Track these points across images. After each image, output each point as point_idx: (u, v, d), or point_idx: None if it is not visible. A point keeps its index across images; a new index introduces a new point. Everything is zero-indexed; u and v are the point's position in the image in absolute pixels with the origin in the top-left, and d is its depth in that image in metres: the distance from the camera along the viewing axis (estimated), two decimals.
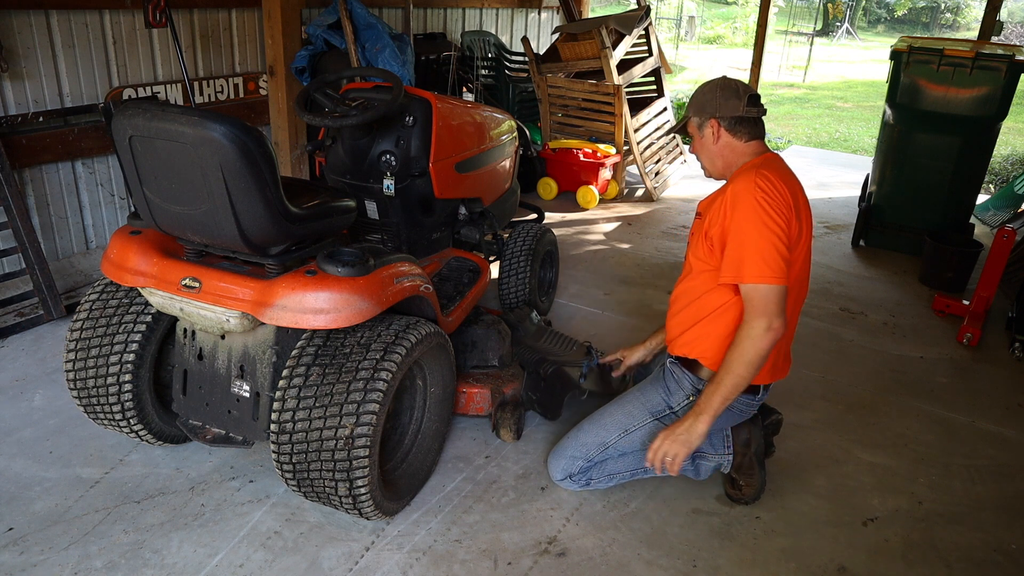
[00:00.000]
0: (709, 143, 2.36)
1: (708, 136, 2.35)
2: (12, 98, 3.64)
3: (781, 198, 2.16)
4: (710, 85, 2.36)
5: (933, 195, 4.77)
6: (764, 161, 2.28)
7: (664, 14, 20.67)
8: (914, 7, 26.92)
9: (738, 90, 2.31)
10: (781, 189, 2.17)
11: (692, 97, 2.41)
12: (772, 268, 2.11)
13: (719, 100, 2.31)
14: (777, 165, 2.29)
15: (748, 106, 2.29)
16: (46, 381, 3.03)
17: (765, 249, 2.11)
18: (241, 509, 2.38)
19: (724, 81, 2.35)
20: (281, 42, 4.47)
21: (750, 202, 2.14)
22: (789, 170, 2.33)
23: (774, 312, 2.12)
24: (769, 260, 2.11)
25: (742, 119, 2.30)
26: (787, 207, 2.16)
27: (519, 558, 2.24)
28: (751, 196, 2.14)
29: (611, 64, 5.69)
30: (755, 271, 2.11)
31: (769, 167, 2.24)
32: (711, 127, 2.33)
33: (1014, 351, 3.68)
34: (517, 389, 2.82)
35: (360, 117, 2.66)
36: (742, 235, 2.15)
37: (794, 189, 2.24)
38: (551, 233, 3.79)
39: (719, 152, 2.36)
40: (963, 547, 2.39)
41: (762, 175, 2.18)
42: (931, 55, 4.49)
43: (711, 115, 2.32)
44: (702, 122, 2.35)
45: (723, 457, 2.50)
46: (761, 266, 2.11)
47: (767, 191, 2.14)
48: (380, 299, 2.16)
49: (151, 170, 2.03)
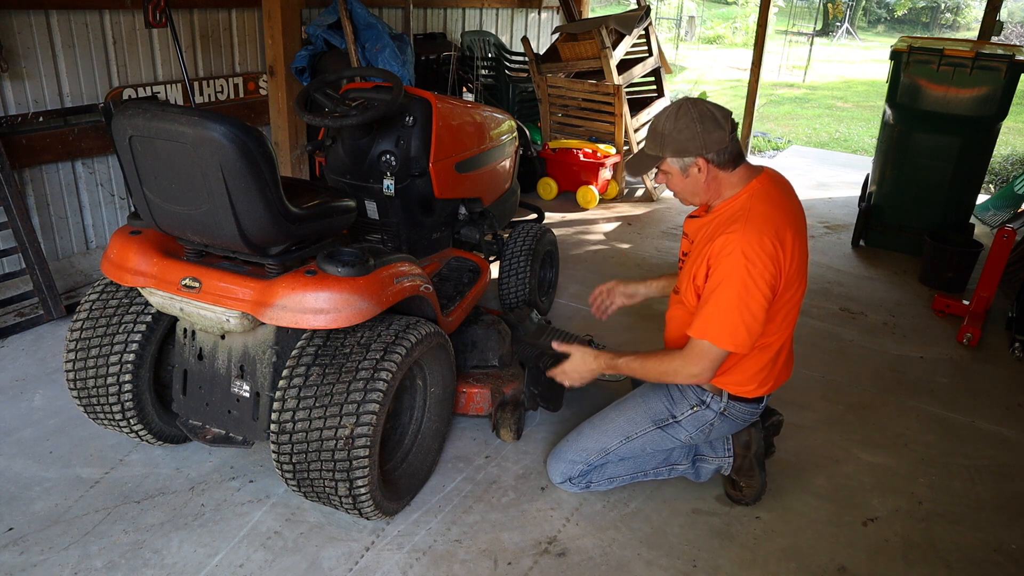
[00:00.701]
0: (695, 182, 2.18)
1: (694, 176, 2.15)
2: (12, 98, 3.64)
3: (770, 260, 2.07)
4: (686, 118, 2.09)
5: (933, 195, 4.77)
6: (755, 200, 2.15)
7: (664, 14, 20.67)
8: (914, 7, 26.92)
9: (718, 118, 2.10)
10: (770, 247, 2.07)
11: (662, 134, 2.13)
12: (730, 336, 2.10)
13: (703, 135, 2.09)
14: (768, 198, 2.16)
15: (731, 133, 2.12)
16: (46, 381, 3.03)
17: (733, 319, 2.08)
18: (241, 509, 2.38)
19: (701, 109, 2.10)
20: (281, 42, 4.47)
21: (736, 270, 2.06)
22: (780, 192, 2.21)
23: (708, 368, 2.16)
24: (732, 328, 2.09)
25: (728, 149, 2.12)
26: (775, 267, 2.08)
27: (519, 558, 2.24)
28: (738, 264, 2.05)
29: (611, 64, 5.69)
30: (713, 332, 2.11)
31: (762, 213, 2.11)
32: (697, 166, 2.13)
33: (1014, 351, 3.68)
34: (517, 389, 2.82)
35: (360, 117, 2.66)
36: (719, 300, 2.09)
37: (784, 232, 2.12)
38: (551, 233, 3.79)
39: (705, 188, 2.19)
40: (963, 547, 2.39)
41: (752, 235, 2.06)
42: (931, 55, 4.49)
43: (697, 154, 2.11)
44: (686, 163, 2.14)
45: (723, 460, 2.50)
46: (721, 331, 2.10)
47: (755, 258, 2.05)
48: (380, 299, 2.16)
49: (151, 170, 2.03)
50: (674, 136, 2.11)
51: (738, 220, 2.11)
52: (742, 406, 2.35)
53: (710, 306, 2.12)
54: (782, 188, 2.25)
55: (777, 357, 2.32)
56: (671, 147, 2.13)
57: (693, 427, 2.38)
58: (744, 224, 2.09)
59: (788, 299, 2.21)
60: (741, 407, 2.35)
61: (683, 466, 2.53)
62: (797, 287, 2.22)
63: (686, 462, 2.53)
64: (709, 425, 2.38)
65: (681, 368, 2.20)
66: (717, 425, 2.38)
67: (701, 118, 2.09)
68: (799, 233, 2.20)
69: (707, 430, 2.39)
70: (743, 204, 2.15)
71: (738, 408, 2.35)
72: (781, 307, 2.20)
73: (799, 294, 2.25)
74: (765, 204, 2.15)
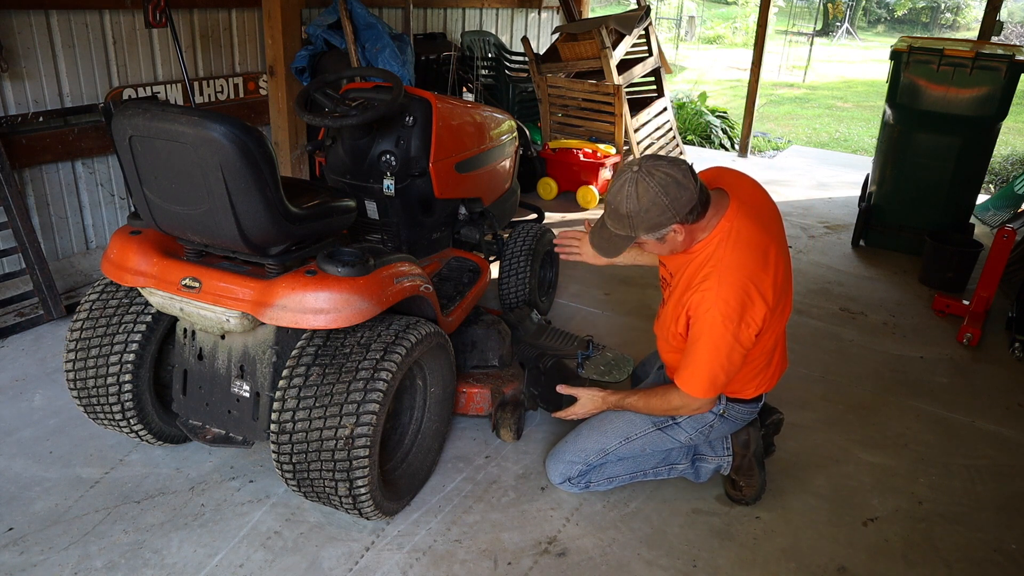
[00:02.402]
0: (673, 244, 2.09)
1: (671, 239, 2.06)
2: (12, 98, 3.64)
3: (750, 305, 2.05)
4: (648, 195, 1.95)
5: (933, 195, 4.77)
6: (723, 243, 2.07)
7: (664, 14, 20.67)
8: (914, 7, 26.92)
9: (679, 180, 1.96)
10: (746, 298, 2.03)
11: (628, 215, 1.98)
12: (720, 382, 2.16)
13: (672, 206, 1.96)
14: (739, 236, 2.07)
15: (695, 183, 1.99)
16: (46, 381, 3.03)
17: (721, 368, 2.12)
18: (241, 509, 2.38)
19: (659, 179, 1.95)
20: (281, 42, 4.47)
21: (714, 327, 2.06)
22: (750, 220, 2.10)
23: (708, 403, 2.25)
24: (720, 378, 2.14)
25: (697, 202, 2.00)
26: (753, 316, 2.06)
27: (519, 558, 2.24)
28: (716, 322, 2.06)
29: (611, 64, 5.69)
30: (702, 387, 2.16)
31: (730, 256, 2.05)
32: (674, 231, 2.02)
33: (1014, 351, 3.68)
34: (517, 389, 2.82)
35: (360, 117, 2.66)
36: (702, 353, 2.11)
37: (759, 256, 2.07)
38: (551, 233, 3.79)
39: (684, 243, 2.10)
40: (963, 547, 2.39)
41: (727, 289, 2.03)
42: (931, 55, 4.49)
43: (671, 223, 1.99)
44: (661, 235, 2.03)
45: (723, 459, 2.51)
46: (711, 384, 2.15)
47: (731, 314, 2.04)
48: (380, 299, 2.16)
49: (151, 170, 2.03)
50: (642, 216, 1.99)
51: (711, 276, 2.06)
52: (741, 406, 2.36)
53: (693, 359, 2.15)
54: (751, 210, 2.14)
55: (771, 360, 2.33)
56: (643, 227, 2.01)
57: (692, 428, 2.39)
58: (718, 280, 2.05)
59: (774, 320, 2.18)
60: (740, 407, 2.36)
61: (682, 466, 2.53)
62: (781, 309, 2.20)
63: (685, 462, 2.53)
64: (708, 426, 2.38)
65: (685, 406, 2.27)
66: (716, 426, 2.38)
67: (664, 189, 1.95)
68: (780, 245, 2.16)
69: (706, 431, 2.39)
70: (713, 253, 2.09)
71: (737, 409, 2.36)
72: (769, 326, 2.17)
73: (786, 311, 2.25)
74: (736, 249, 2.07)
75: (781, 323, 2.27)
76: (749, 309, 2.06)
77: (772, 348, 2.30)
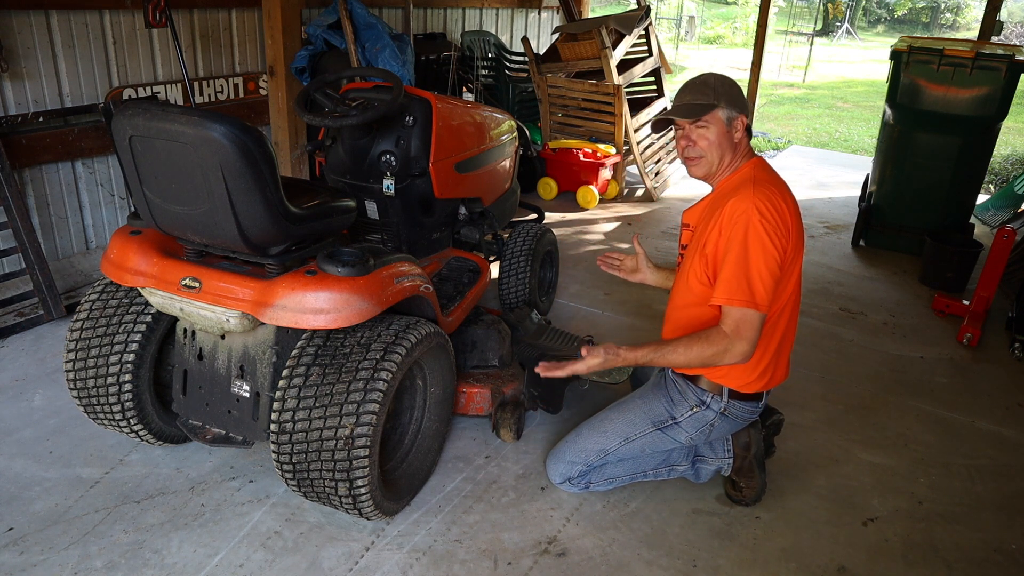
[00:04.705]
0: (730, 139, 2.25)
1: (734, 131, 2.25)
2: (12, 98, 3.64)
3: (781, 220, 2.13)
4: (729, 81, 2.27)
5: (933, 195, 4.77)
6: (757, 170, 2.25)
7: (664, 14, 20.66)
8: (914, 7, 26.91)
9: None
10: (780, 209, 2.14)
11: (713, 87, 2.24)
12: (761, 295, 2.10)
13: (744, 101, 2.27)
14: (768, 170, 2.28)
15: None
16: (46, 381, 3.03)
17: (760, 275, 2.09)
18: (241, 509, 2.38)
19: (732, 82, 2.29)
20: (281, 42, 4.46)
21: (751, 226, 2.09)
22: (778, 176, 2.31)
23: (748, 338, 2.10)
24: (760, 287, 2.09)
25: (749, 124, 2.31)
26: (785, 229, 2.14)
27: (519, 558, 2.24)
28: (752, 220, 2.10)
29: (611, 64, 5.69)
30: (744, 296, 2.10)
31: (767, 180, 2.21)
32: (740, 122, 2.25)
33: (1014, 351, 3.68)
34: (517, 389, 2.82)
35: (360, 117, 2.66)
36: (738, 258, 2.11)
37: (789, 200, 2.21)
38: (551, 233, 3.79)
39: (731, 148, 2.27)
40: (963, 547, 2.39)
41: (761, 195, 2.13)
42: (931, 55, 4.49)
43: (742, 112, 2.25)
44: (733, 116, 2.24)
45: (723, 461, 2.50)
46: (751, 292, 2.09)
47: (768, 216, 2.10)
48: (380, 299, 2.16)
49: (151, 170, 2.03)
50: (726, 90, 2.23)
51: (745, 186, 2.19)
52: (742, 404, 2.35)
53: (729, 267, 2.12)
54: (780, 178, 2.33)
55: (781, 345, 2.32)
56: (725, 97, 2.22)
57: (693, 428, 2.38)
58: (753, 187, 2.17)
59: (792, 266, 2.23)
60: (741, 405, 2.35)
61: (683, 467, 2.53)
62: (798, 253, 2.25)
63: (686, 463, 2.53)
64: (709, 426, 2.38)
65: (730, 347, 2.11)
66: (717, 425, 2.38)
67: (741, 91, 2.27)
68: (795, 201, 2.27)
69: (707, 431, 2.39)
70: (747, 174, 2.24)
71: (738, 407, 2.35)
72: (788, 274, 2.22)
73: (799, 264, 2.28)
74: (768, 173, 2.26)
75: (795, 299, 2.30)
76: (782, 215, 2.13)
77: (782, 337, 2.30)
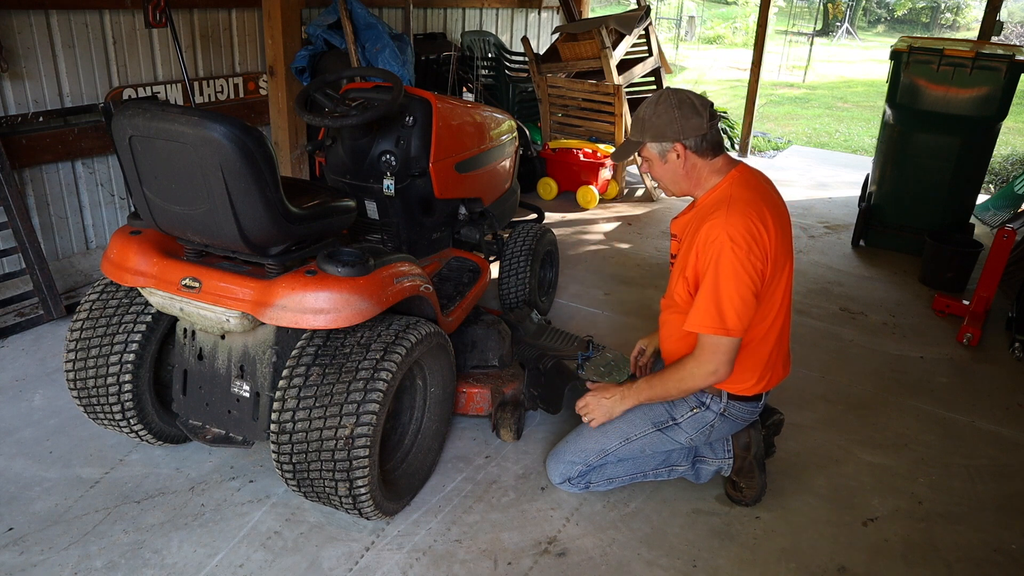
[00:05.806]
0: (674, 168, 2.23)
1: (672, 161, 2.21)
2: (12, 98, 3.64)
3: (755, 242, 2.10)
4: (664, 104, 2.16)
5: (933, 195, 4.77)
6: (735, 187, 2.19)
7: (664, 14, 20.67)
8: (914, 7, 26.91)
9: (696, 105, 2.16)
10: (755, 230, 2.10)
11: (643, 120, 2.20)
12: (732, 322, 2.11)
13: (680, 121, 2.15)
14: (748, 184, 2.21)
15: (710, 121, 2.17)
16: (46, 381, 3.03)
17: (732, 302, 2.09)
18: (241, 509, 2.38)
19: (680, 96, 2.17)
20: (281, 42, 4.46)
21: (723, 254, 2.08)
22: (758, 182, 2.26)
23: (723, 361, 2.16)
24: (731, 314, 2.10)
25: (706, 136, 2.18)
26: (761, 251, 2.11)
27: (519, 558, 2.24)
28: (724, 249, 2.08)
29: (611, 64, 5.69)
30: (714, 323, 2.11)
31: (743, 198, 2.15)
32: (676, 152, 2.19)
33: (1014, 351, 3.68)
34: (517, 389, 2.82)
35: (360, 117, 2.66)
36: (711, 286, 2.11)
37: (767, 216, 2.15)
38: (551, 233, 3.79)
39: (685, 175, 2.24)
40: (963, 547, 2.39)
41: (735, 220, 2.09)
42: (931, 55, 4.49)
43: (675, 139, 2.17)
44: (665, 148, 2.19)
45: (723, 461, 2.50)
46: (721, 319, 2.11)
47: (740, 241, 2.08)
48: (380, 299, 2.16)
49: (151, 170, 2.03)
50: (653, 122, 2.18)
51: (720, 207, 2.16)
52: (742, 405, 2.36)
53: (702, 294, 2.14)
54: (759, 175, 2.30)
55: (776, 350, 2.33)
56: (650, 132, 2.19)
57: (693, 429, 2.38)
58: (727, 209, 2.13)
59: (777, 280, 2.22)
60: (741, 406, 2.36)
61: (683, 467, 2.53)
62: (784, 265, 2.24)
63: (686, 463, 2.53)
64: (709, 426, 2.38)
65: (696, 369, 2.18)
66: (717, 426, 2.38)
67: (680, 104, 2.15)
68: (778, 212, 2.24)
69: (707, 431, 2.39)
70: (723, 192, 2.20)
71: (738, 408, 2.35)
72: (773, 289, 2.22)
73: (787, 274, 2.26)
74: (744, 189, 2.19)
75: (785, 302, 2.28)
76: (757, 238, 2.10)
77: (777, 339, 2.30)
